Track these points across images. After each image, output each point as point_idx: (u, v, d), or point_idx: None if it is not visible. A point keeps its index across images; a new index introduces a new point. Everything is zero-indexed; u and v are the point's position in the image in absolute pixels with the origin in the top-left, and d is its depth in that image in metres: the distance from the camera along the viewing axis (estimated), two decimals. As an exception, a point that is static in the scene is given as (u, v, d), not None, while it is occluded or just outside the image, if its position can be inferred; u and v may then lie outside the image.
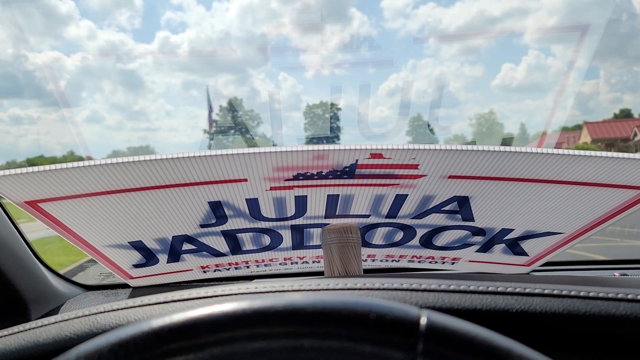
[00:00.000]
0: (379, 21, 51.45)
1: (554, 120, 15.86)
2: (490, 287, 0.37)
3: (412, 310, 0.25)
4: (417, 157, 0.55)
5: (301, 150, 0.53)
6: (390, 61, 39.59)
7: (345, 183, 0.61)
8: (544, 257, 0.87)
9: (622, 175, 0.58)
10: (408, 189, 0.63)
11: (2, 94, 40.59)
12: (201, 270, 0.89)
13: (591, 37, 8.25)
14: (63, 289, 0.91)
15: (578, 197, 0.64)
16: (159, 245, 0.75)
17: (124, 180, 0.55)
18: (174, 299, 0.38)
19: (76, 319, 0.38)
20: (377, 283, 0.37)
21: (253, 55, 45.05)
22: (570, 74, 16.05)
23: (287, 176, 0.58)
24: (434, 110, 10.51)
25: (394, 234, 0.79)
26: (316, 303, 0.24)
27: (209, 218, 0.67)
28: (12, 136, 38.97)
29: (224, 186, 0.59)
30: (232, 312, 0.24)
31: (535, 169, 0.57)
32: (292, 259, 0.90)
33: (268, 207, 0.66)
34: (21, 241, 0.82)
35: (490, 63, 44.36)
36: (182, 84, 43.41)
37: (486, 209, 0.68)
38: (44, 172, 0.51)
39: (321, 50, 38.12)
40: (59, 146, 30.84)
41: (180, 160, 0.52)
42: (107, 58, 42.74)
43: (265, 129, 23.69)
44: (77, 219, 0.62)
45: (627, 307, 0.36)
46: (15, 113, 38.78)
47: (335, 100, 26.65)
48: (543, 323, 0.35)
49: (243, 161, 0.54)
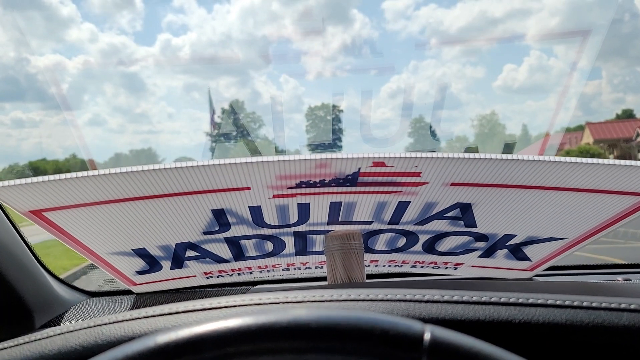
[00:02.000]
0: (381, 23, 51.49)
1: (556, 121, 15.85)
2: (493, 297, 0.37)
3: (415, 325, 0.25)
4: (419, 165, 0.55)
5: (304, 159, 0.53)
6: (391, 67, 39.62)
7: (348, 191, 0.61)
8: (546, 262, 0.87)
9: (623, 182, 0.58)
10: (410, 196, 0.63)
11: (4, 97, 40.70)
12: (204, 276, 0.89)
13: (594, 38, 8.22)
14: (66, 296, 0.91)
15: (580, 203, 0.64)
16: (162, 252, 0.75)
17: (128, 190, 0.56)
18: (179, 310, 0.38)
19: (81, 330, 0.39)
20: (381, 294, 0.37)
21: (254, 57, 45.14)
22: (572, 75, 16.03)
23: (289, 184, 0.58)
24: (436, 112, 10.50)
25: (397, 240, 0.79)
26: (320, 318, 0.24)
27: (212, 225, 0.68)
28: (14, 139, 39.08)
29: (227, 194, 0.59)
30: (237, 327, 0.24)
31: (537, 176, 0.57)
32: (295, 265, 0.90)
33: (271, 215, 0.66)
34: (24, 248, 0.82)
35: (492, 64, 44.34)
36: (184, 87, 43.49)
37: (488, 215, 0.69)
38: (49, 182, 0.52)
39: (323, 52, 38.09)
40: (61, 149, 30.92)
41: (183, 169, 0.53)
42: (108, 61, 42.82)
43: (267, 131, 23.72)
44: (81, 227, 0.63)
45: (629, 317, 0.36)
46: (18, 116, 38.88)
47: (337, 102, 26.63)
48: (546, 334, 0.35)
49: (246, 170, 0.54)
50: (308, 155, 0.53)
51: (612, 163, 0.54)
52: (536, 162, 0.54)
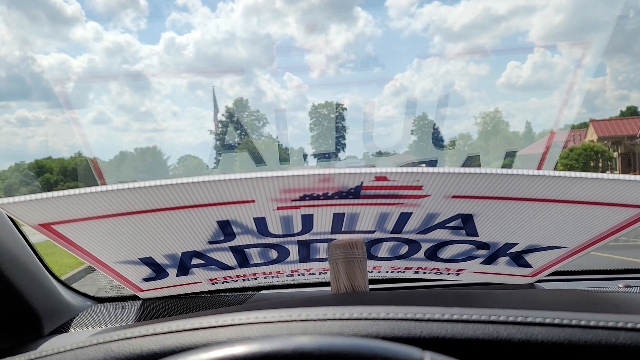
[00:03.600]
0: (384, 20, 51.38)
1: (560, 119, 15.81)
2: (492, 316, 0.38)
3: (415, 354, 0.26)
4: (420, 179, 0.56)
5: (307, 175, 0.54)
6: (395, 65, 39.49)
7: (351, 202, 0.62)
8: (548, 268, 0.88)
9: (623, 195, 0.59)
10: (412, 207, 0.64)
11: (9, 96, 40.85)
12: (210, 283, 0.90)
13: (599, 34, 8.16)
14: (74, 302, 0.92)
15: (580, 215, 0.64)
16: (169, 261, 0.76)
17: (135, 203, 0.57)
18: (185, 328, 0.39)
19: (91, 347, 0.40)
20: (382, 313, 0.38)
21: (258, 55, 45.14)
22: (576, 72, 15.98)
23: (293, 197, 0.59)
24: (440, 110, 10.46)
25: (399, 247, 0.80)
26: (323, 347, 0.25)
27: (218, 235, 0.69)
28: (20, 138, 39.19)
29: (232, 207, 0.60)
30: (243, 355, 0.25)
31: (537, 189, 0.58)
32: (299, 271, 0.91)
33: (275, 225, 0.67)
34: (32, 255, 0.84)
35: (495, 62, 44.19)
36: (188, 85, 43.56)
37: (490, 225, 0.69)
38: (58, 198, 0.53)
39: (326, 50, 38.02)
40: (66, 147, 30.99)
41: (190, 185, 0.54)
42: (113, 59, 42.92)
43: (270, 129, 23.72)
44: (90, 238, 0.64)
45: (626, 336, 0.37)
46: (23, 115, 39.01)
47: (341, 100, 26.59)
48: (545, 353, 0.36)
49: (251, 185, 0.55)
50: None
51: (611, 178, 0.55)
52: (536, 177, 0.54)
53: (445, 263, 0.87)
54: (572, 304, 0.59)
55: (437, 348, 0.34)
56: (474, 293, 0.61)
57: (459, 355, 0.36)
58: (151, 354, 0.37)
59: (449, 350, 0.35)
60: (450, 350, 0.35)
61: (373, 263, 0.88)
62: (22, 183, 14.74)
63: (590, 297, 0.63)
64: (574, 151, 18.09)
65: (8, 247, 0.76)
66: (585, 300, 0.61)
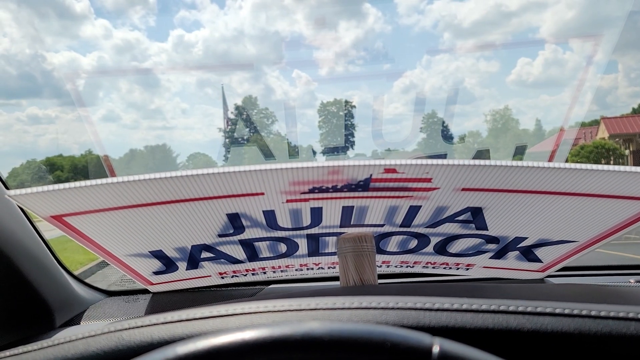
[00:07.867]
0: (394, 17, 51.22)
1: (571, 116, 15.67)
2: (502, 306, 0.38)
3: (425, 339, 0.26)
4: (430, 171, 0.56)
5: (316, 167, 0.54)
6: (404, 62, 39.34)
7: (360, 195, 0.62)
8: (558, 263, 0.87)
9: (634, 188, 0.58)
10: (421, 200, 0.64)
11: (20, 94, 41.24)
12: (219, 276, 0.90)
13: (610, 30, 8.06)
14: (85, 295, 0.93)
15: (591, 208, 0.64)
16: (179, 254, 0.77)
17: (146, 196, 0.57)
18: (195, 317, 0.39)
19: (102, 335, 0.40)
20: (392, 302, 0.38)
21: (267, 52, 45.20)
22: (588, 69, 15.81)
23: (303, 190, 0.59)
24: (449, 107, 10.40)
25: (408, 242, 0.80)
26: (333, 331, 0.25)
27: (227, 228, 0.69)
28: (31, 135, 39.60)
29: (242, 199, 0.61)
30: (254, 340, 0.26)
31: (548, 182, 0.58)
32: (308, 265, 0.91)
33: (284, 218, 0.68)
34: (45, 248, 0.85)
35: (506, 58, 43.86)
36: (197, 82, 43.73)
37: (499, 219, 0.69)
38: (70, 190, 0.53)
39: (335, 47, 37.94)
40: (77, 145, 31.27)
41: (199, 177, 0.54)
42: (122, 57, 43.18)
43: (279, 127, 23.74)
44: (101, 231, 0.64)
45: (637, 326, 0.37)
46: (34, 112, 39.38)
47: (350, 98, 26.52)
48: (554, 343, 0.36)
49: (260, 177, 0.55)
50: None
51: (622, 170, 0.54)
52: (546, 169, 0.54)
53: (454, 258, 0.87)
54: (582, 296, 0.58)
55: (446, 337, 0.34)
56: (484, 286, 0.61)
57: (468, 344, 0.36)
58: (162, 342, 0.38)
59: (458, 339, 0.35)
60: (460, 340, 0.35)
61: (382, 257, 0.88)
62: (34, 179, 14.84)
63: (601, 291, 0.63)
64: (585, 148, 17.93)
65: (21, 240, 0.77)
66: (596, 293, 0.61)
